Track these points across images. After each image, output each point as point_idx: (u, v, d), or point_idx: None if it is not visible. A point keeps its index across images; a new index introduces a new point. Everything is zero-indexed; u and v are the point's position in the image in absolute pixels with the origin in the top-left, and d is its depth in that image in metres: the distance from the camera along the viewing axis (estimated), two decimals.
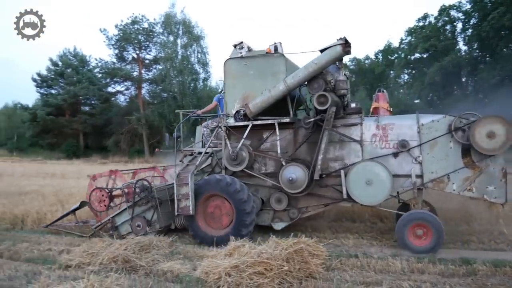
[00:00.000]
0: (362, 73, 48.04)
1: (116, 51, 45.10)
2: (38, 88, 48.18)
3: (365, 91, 41.37)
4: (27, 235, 8.42)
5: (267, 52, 7.80)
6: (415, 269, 5.71)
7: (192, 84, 40.78)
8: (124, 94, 47.98)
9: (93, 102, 47.78)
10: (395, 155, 7.15)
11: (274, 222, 7.93)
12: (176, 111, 9.63)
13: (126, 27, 43.46)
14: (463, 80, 35.14)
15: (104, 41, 44.90)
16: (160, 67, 42.73)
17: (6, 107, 60.26)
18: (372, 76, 45.01)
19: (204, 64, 41.56)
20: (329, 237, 7.67)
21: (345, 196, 7.22)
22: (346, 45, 6.96)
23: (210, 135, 8.44)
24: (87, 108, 48.06)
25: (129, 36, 43.24)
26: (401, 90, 42.37)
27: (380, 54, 47.09)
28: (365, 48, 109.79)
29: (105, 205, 8.19)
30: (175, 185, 7.41)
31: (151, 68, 46.27)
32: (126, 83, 46.49)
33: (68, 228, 8.60)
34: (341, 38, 6.99)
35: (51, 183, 16.39)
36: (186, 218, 7.74)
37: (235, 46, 8.08)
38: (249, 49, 7.96)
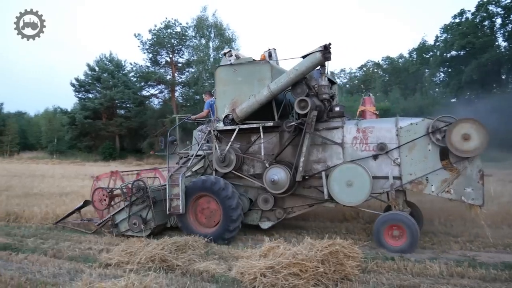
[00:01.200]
0: (396, 73, 47.16)
1: (150, 55, 46.07)
2: (76, 93, 49.85)
3: (398, 90, 40.60)
4: (69, 234, 8.74)
5: (261, 58, 8.25)
6: (454, 273, 5.58)
7: None
8: (158, 97, 48.94)
9: (128, 105, 48.93)
10: (375, 157, 7.35)
11: (261, 222, 8.27)
12: (173, 115, 10.11)
13: (159, 31, 44.32)
14: (503, 77, 33.86)
15: (139, 46, 45.81)
16: (193, 70, 43.34)
17: (46, 111, 62.62)
18: (406, 75, 44.06)
19: None
20: (364, 239, 7.59)
21: (326, 196, 7.47)
22: (325, 52, 7.25)
23: (204, 139, 8.83)
24: (122, 112, 49.30)
25: (163, 40, 44.06)
26: (437, 89, 41.27)
27: (415, 53, 46.06)
28: (398, 46, 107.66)
29: (106, 204, 8.69)
30: (167, 185, 7.93)
31: (183, 71, 47.01)
32: (159, 87, 47.34)
33: (75, 225, 9.27)
34: (321, 46, 7.27)
35: (90, 184, 16.88)
36: (178, 217, 8.15)
37: (224, 54, 8.63)
38: (237, 57, 8.42)
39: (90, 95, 49.22)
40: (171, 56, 46.05)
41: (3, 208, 10.83)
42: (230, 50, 8.60)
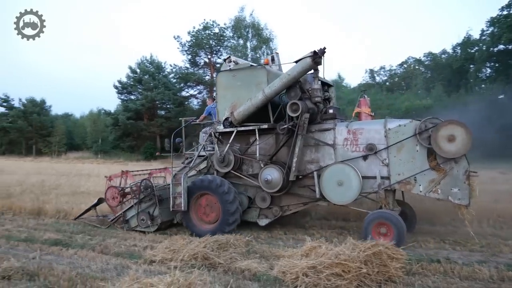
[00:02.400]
0: (439, 69, 45.61)
1: (189, 56, 46.91)
2: (119, 95, 51.28)
3: (441, 87, 39.26)
4: (115, 232, 9.06)
5: (265, 63, 8.70)
6: (505, 277, 5.36)
7: None
8: (197, 98, 49.61)
9: (168, 106, 49.90)
10: (365, 157, 7.58)
11: (259, 219, 8.63)
12: (180, 118, 10.72)
13: (198, 33, 45.04)
14: None
15: (178, 48, 46.76)
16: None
17: (91, 113, 64.91)
18: (450, 71, 42.52)
19: None
20: (407, 240, 7.40)
21: (318, 195, 7.78)
22: (315, 57, 7.53)
23: (205, 140, 9.41)
24: (163, 112, 50.30)
25: (201, 42, 44.74)
26: (483, 86, 39.57)
27: (459, 48, 44.36)
28: (441, 42, 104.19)
29: (117, 201, 9.34)
30: (171, 184, 8.46)
31: None
32: (198, 87, 48.05)
33: (92, 221, 9.94)
34: (311, 51, 7.56)
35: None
36: (182, 214, 8.69)
37: (224, 60, 9.08)
38: (236, 63, 8.78)
39: (132, 97, 50.53)
40: (209, 57, 46.69)
41: (53, 206, 11.35)
42: (230, 56, 9.02)
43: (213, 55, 46.73)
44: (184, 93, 49.71)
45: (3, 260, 6.25)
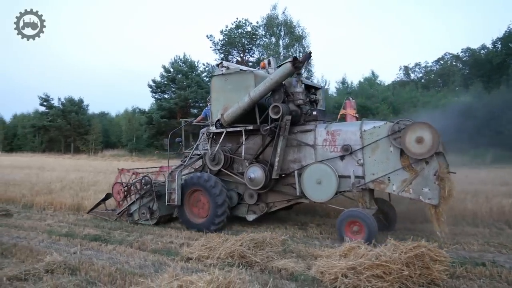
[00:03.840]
0: (478, 65, 44.01)
1: (222, 55, 47.19)
2: (153, 93, 52.25)
3: (481, 83, 37.87)
4: (151, 228, 9.18)
5: (261, 66, 9.17)
6: None
7: None
8: None
9: (201, 104, 50.27)
10: (342, 157, 7.91)
11: (248, 214, 9.08)
12: (180, 119, 11.63)
13: (230, 31, 45.28)
14: None
15: (211, 47, 47.18)
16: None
17: (126, 111, 66.41)
18: (490, 68, 40.95)
19: (306, 64, 41.49)
20: (450, 242, 7.15)
21: (298, 193, 8.19)
22: (295, 63, 7.91)
23: (199, 140, 10.01)
24: (195, 111, 50.89)
25: (234, 40, 44.96)
26: None
27: (499, 42, 42.64)
28: (480, 37, 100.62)
29: (122, 196, 10.01)
30: (167, 181, 9.08)
31: None
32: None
33: (102, 214, 10.59)
34: (291, 56, 8.10)
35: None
36: (177, 208, 9.26)
37: (217, 65, 9.59)
38: (227, 68, 9.26)
39: (166, 96, 51.34)
40: (241, 55, 46.84)
41: (92, 202, 11.62)
42: (222, 62, 9.57)
43: (246, 54, 46.88)
44: None
45: (47, 254, 6.45)
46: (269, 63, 9.72)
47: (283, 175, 8.54)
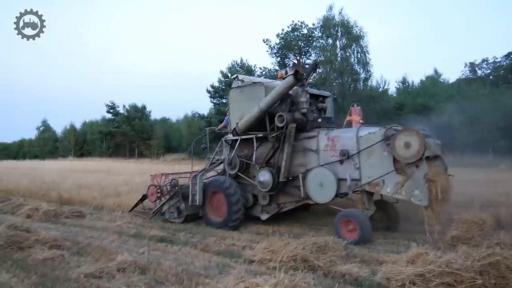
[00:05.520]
0: None
1: (278, 58, 47.23)
2: (212, 98, 53.40)
3: None
4: (213, 230, 9.44)
5: (279, 77, 9.46)
6: None
7: (352, 85, 40.23)
8: None
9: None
10: (341, 162, 8.45)
11: (261, 214, 9.81)
12: (205, 127, 13.20)
13: (286, 35, 45.22)
14: None
15: (267, 51, 47.24)
16: (320, 71, 43.24)
17: (186, 117, 68.41)
18: None
19: (364, 64, 40.46)
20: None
21: (302, 195, 8.90)
22: (297, 75, 8.50)
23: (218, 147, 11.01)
24: None
25: (290, 44, 44.84)
26: None
27: None
28: None
29: (155, 197, 10.93)
30: (190, 183, 10.10)
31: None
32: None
33: (140, 212, 11.78)
34: (287, 72, 8.73)
35: None
36: (201, 208, 10.16)
37: (234, 78, 10.45)
38: (242, 81, 10.06)
39: (224, 100, 52.18)
40: (298, 58, 46.60)
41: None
42: (237, 76, 10.42)
43: (302, 56, 46.60)
44: None
45: (118, 254, 6.80)
46: (286, 73, 9.92)
47: (291, 178, 9.17)
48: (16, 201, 14.31)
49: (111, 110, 67.21)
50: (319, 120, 9.53)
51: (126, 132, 63.79)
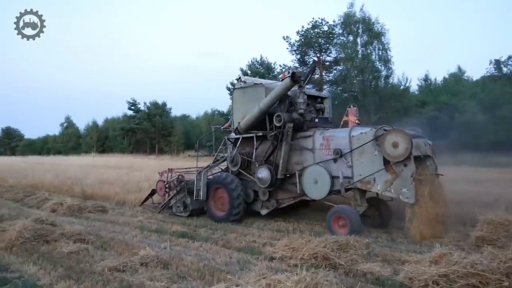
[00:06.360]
0: None
1: (298, 56, 46.98)
2: (231, 96, 53.51)
3: None
4: (234, 227, 9.52)
5: (282, 77, 9.65)
6: None
7: (373, 83, 39.73)
8: None
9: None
10: (335, 160, 8.81)
11: (261, 209, 10.23)
12: (212, 126, 13.79)
13: (307, 32, 44.92)
14: None
15: (287, 48, 46.99)
16: (341, 68, 42.85)
17: (206, 114, 68.87)
18: None
19: (386, 61, 39.77)
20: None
21: (298, 191, 9.26)
22: (293, 77, 8.94)
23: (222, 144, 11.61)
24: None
25: (310, 41, 44.51)
26: None
27: None
28: None
29: (163, 192, 11.65)
30: (195, 179, 10.65)
31: (331, 70, 46.75)
32: (308, 86, 47.77)
33: (150, 207, 12.38)
34: (289, 72, 9.01)
35: None
36: (204, 202, 10.60)
37: (237, 80, 10.96)
38: (245, 82, 10.53)
39: None
40: (318, 55, 46.29)
41: None
42: (240, 77, 10.85)
43: (322, 53, 46.25)
44: None
45: (140, 249, 6.91)
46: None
47: (288, 175, 9.56)
48: (41, 196, 14.71)
49: (132, 107, 68.19)
50: (316, 120, 10.01)
51: (147, 129, 64.63)
